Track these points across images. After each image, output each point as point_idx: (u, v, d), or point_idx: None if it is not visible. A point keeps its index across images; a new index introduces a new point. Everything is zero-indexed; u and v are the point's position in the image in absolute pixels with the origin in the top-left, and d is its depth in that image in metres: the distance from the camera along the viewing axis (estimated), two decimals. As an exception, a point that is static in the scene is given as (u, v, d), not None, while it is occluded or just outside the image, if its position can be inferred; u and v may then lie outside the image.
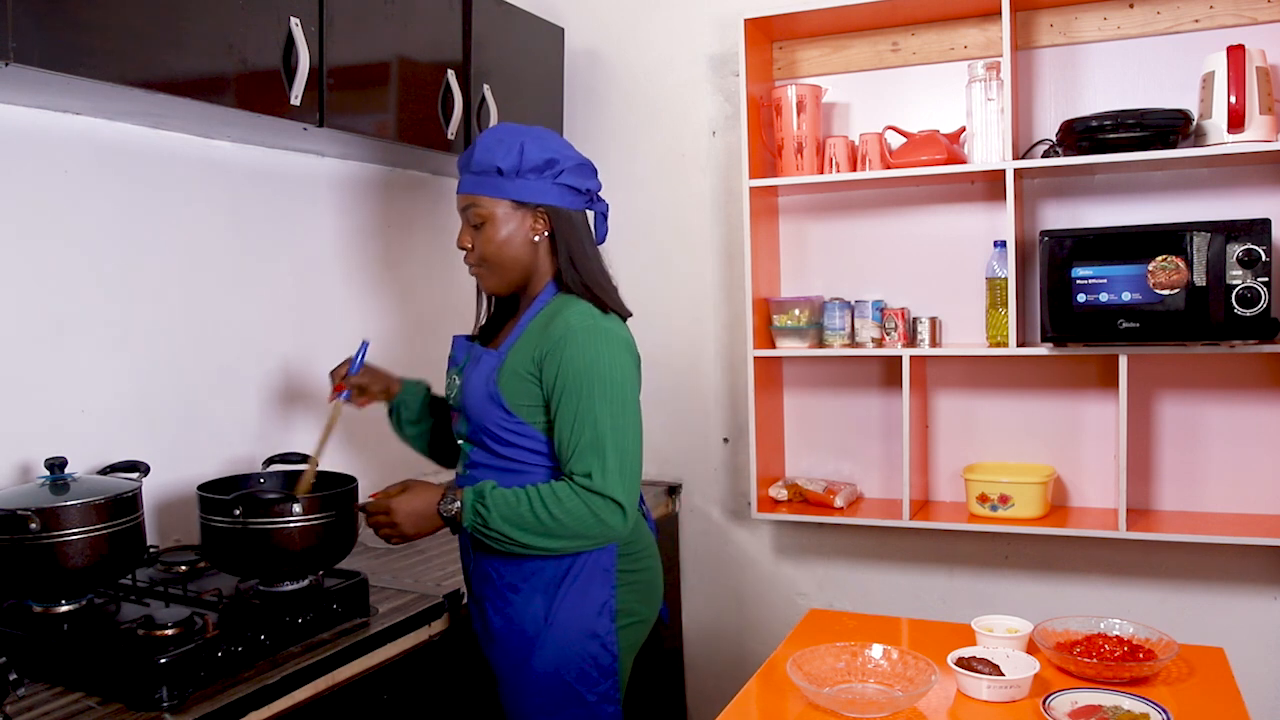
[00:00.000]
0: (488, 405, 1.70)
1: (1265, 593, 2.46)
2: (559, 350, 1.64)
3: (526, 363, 1.67)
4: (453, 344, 1.89)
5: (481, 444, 1.74)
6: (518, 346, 1.71)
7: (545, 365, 1.65)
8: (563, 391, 1.63)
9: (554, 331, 1.65)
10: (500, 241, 1.73)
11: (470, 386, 1.73)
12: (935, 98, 2.65)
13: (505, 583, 1.73)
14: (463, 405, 1.75)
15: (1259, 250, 2.15)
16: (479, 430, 1.73)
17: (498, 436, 1.71)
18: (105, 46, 1.56)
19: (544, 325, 1.69)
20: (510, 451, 1.71)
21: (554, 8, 2.96)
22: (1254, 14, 2.36)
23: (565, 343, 1.64)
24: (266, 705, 1.50)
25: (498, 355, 1.73)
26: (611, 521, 1.61)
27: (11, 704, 1.40)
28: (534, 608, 1.71)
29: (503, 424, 1.69)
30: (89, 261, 1.92)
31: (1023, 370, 2.62)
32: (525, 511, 1.60)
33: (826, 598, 2.87)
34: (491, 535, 1.62)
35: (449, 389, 1.84)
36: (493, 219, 1.72)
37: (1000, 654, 1.57)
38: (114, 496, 1.62)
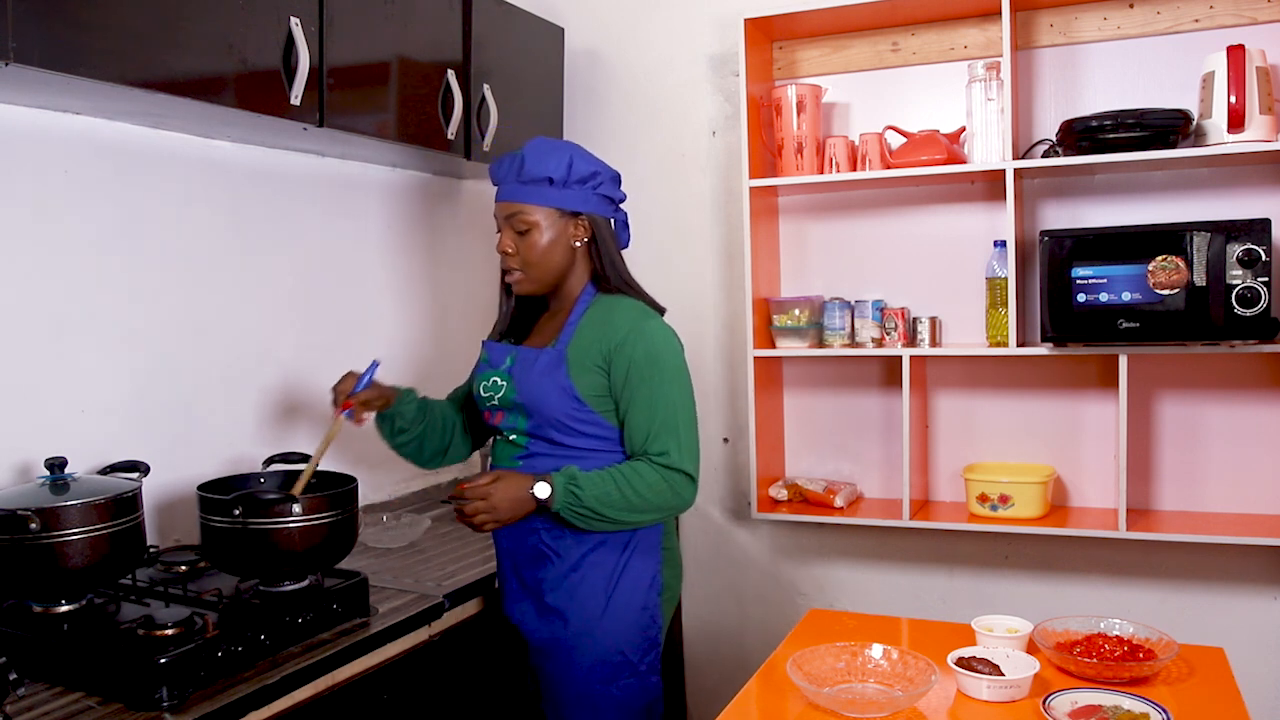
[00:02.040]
0: (560, 398, 1.80)
1: (1265, 593, 2.46)
2: (628, 345, 1.79)
3: (594, 357, 1.80)
4: (487, 348, 1.95)
5: (546, 437, 1.83)
6: (577, 343, 1.82)
7: (615, 358, 1.79)
8: (637, 381, 1.79)
9: (618, 327, 1.81)
10: (545, 247, 1.84)
11: (533, 383, 1.82)
12: (935, 98, 2.65)
13: (566, 563, 1.83)
14: (523, 402, 1.83)
15: (1259, 250, 2.15)
16: (545, 423, 1.82)
17: (569, 427, 1.82)
18: (105, 46, 1.56)
19: (601, 322, 1.83)
20: (579, 440, 1.83)
21: (554, 8, 2.96)
22: (1254, 14, 2.36)
23: (634, 338, 1.80)
24: (266, 705, 1.50)
25: (557, 352, 1.83)
26: (685, 494, 1.80)
27: (11, 704, 1.40)
28: (594, 584, 1.83)
29: (575, 414, 1.81)
30: (89, 261, 1.92)
31: (1023, 370, 2.62)
32: (613, 490, 1.74)
33: (826, 598, 2.87)
34: (583, 513, 1.75)
35: (488, 390, 1.89)
36: (538, 226, 1.83)
37: (1000, 654, 1.57)
38: (114, 496, 1.62)
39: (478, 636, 2.01)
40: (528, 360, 1.86)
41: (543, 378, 1.82)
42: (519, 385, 1.84)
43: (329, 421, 1.93)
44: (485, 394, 1.90)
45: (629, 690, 1.83)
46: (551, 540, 1.83)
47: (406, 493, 2.71)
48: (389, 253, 2.68)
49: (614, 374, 1.80)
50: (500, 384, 1.88)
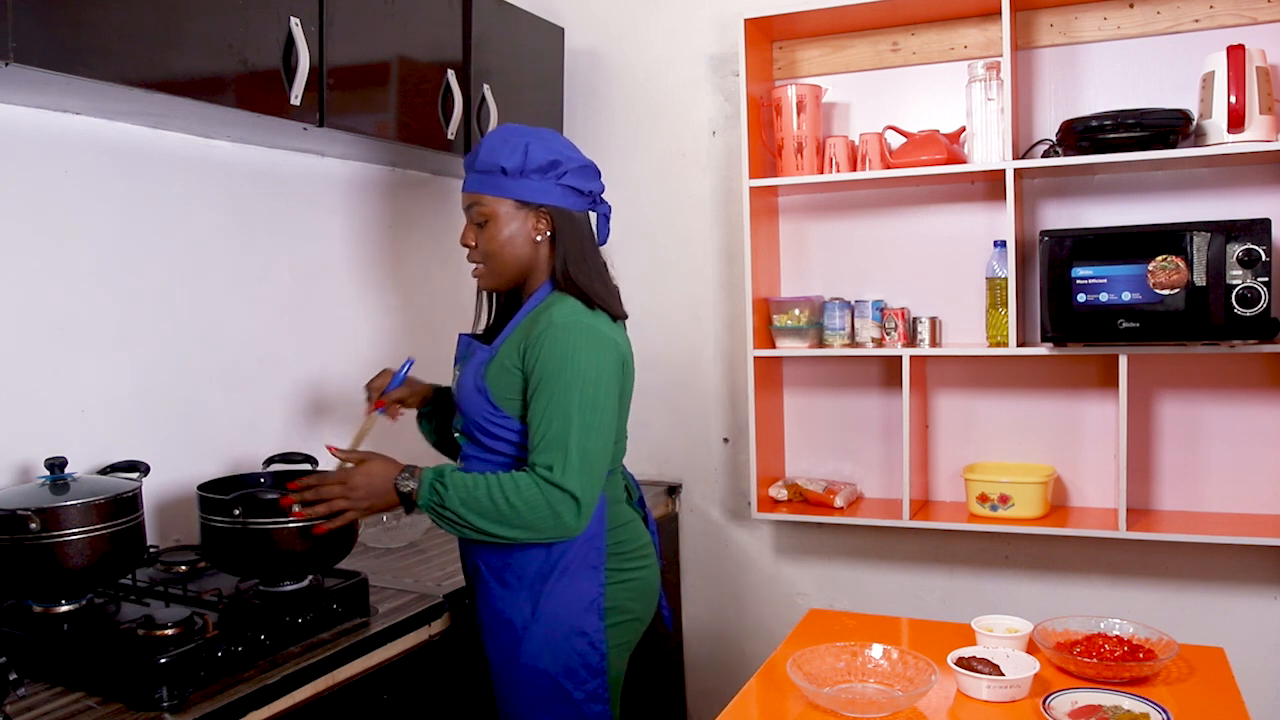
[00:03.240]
0: (475, 398, 1.73)
1: (1265, 593, 2.46)
2: (539, 344, 1.65)
3: (513, 356, 1.70)
4: (459, 341, 1.92)
5: (472, 437, 1.77)
6: (508, 341, 1.73)
7: (526, 358, 1.67)
8: (538, 384, 1.65)
9: (538, 326, 1.68)
10: (503, 240, 1.74)
11: (462, 380, 1.78)
12: (935, 98, 2.65)
13: (493, 574, 1.74)
14: (458, 399, 1.79)
15: (1259, 250, 2.15)
16: (470, 423, 1.76)
17: (484, 429, 1.73)
18: (105, 46, 1.56)
19: (532, 321, 1.72)
20: (495, 444, 1.73)
21: (554, 8, 2.96)
22: (1254, 14, 2.36)
23: (545, 337, 1.65)
24: (266, 705, 1.50)
25: (490, 350, 1.76)
26: (565, 516, 1.59)
27: (11, 704, 1.40)
28: (520, 600, 1.72)
29: (489, 416, 1.72)
30: (89, 261, 1.92)
31: (1023, 370, 2.62)
32: (482, 496, 1.59)
33: (826, 598, 2.87)
34: (447, 516, 1.61)
35: (452, 384, 1.87)
36: (495, 217, 1.73)
37: (1000, 654, 1.57)
38: (114, 496, 1.62)
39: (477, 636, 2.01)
40: (472, 355, 1.80)
41: (466, 377, 1.76)
42: (458, 381, 1.80)
43: (361, 418, 1.92)
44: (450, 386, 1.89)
45: (563, 718, 1.71)
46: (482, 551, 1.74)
47: (406, 493, 2.70)
48: (389, 253, 2.68)
49: (528, 375, 1.67)
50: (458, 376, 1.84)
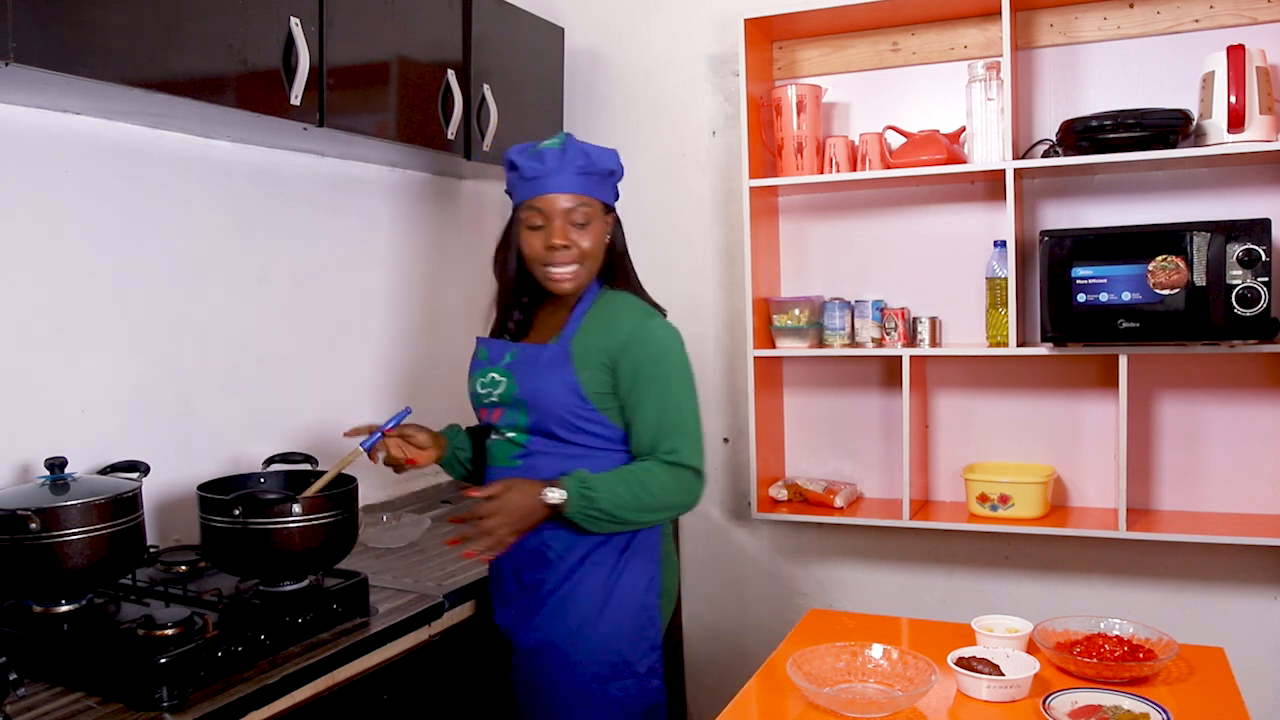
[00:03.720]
0: (565, 395, 1.79)
1: (1265, 593, 2.46)
2: (635, 345, 1.79)
3: (599, 354, 1.79)
4: (484, 345, 1.94)
5: (548, 433, 1.82)
6: (580, 339, 1.81)
7: (621, 358, 1.78)
8: (645, 381, 1.78)
9: (623, 326, 1.81)
10: (598, 240, 1.85)
11: (536, 379, 1.81)
12: (935, 98, 2.65)
13: (566, 564, 1.82)
14: (525, 398, 1.82)
15: (1259, 250, 2.15)
16: (548, 419, 1.80)
17: (571, 425, 1.80)
18: (105, 46, 1.56)
19: (605, 319, 1.83)
20: (580, 438, 1.81)
21: (554, 8, 2.96)
22: (1254, 14, 2.36)
23: (641, 337, 1.79)
24: (266, 705, 1.50)
25: (561, 348, 1.81)
26: (695, 490, 1.80)
27: (11, 704, 1.40)
28: (593, 585, 1.81)
29: (579, 412, 1.79)
30: (89, 261, 1.92)
31: (1023, 370, 2.62)
32: (624, 491, 1.73)
33: (826, 598, 2.87)
34: (595, 516, 1.73)
35: (485, 387, 1.88)
36: (596, 218, 1.84)
37: (1000, 654, 1.57)
38: (114, 496, 1.61)
39: (477, 637, 2.01)
40: (529, 356, 1.84)
41: (546, 373, 1.80)
42: (520, 381, 1.83)
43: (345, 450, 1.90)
44: (482, 390, 1.89)
45: (627, 692, 1.82)
46: (553, 541, 1.82)
47: (406, 493, 2.70)
48: (389, 253, 2.68)
49: (620, 374, 1.79)
50: (499, 380, 1.86)
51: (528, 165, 1.82)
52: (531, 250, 1.84)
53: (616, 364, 1.79)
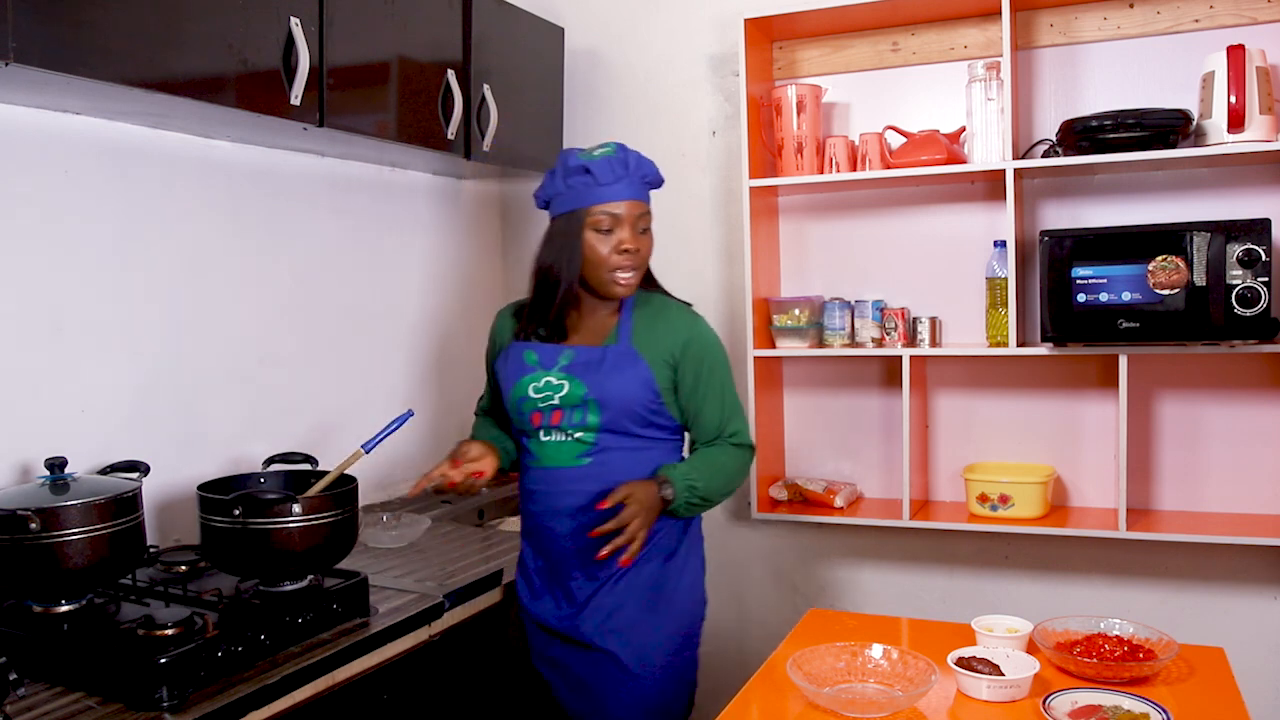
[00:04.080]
0: (641, 392, 1.88)
1: (1265, 593, 2.46)
2: (696, 344, 1.92)
3: (662, 353, 1.90)
4: (531, 349, 1.94)
5: (621, 430, 1.89)
6: (638, 339, 1.91)
7: (684, 357, 1.91)
8: (708, 375, 1.92)
9: (679, 327, 1.93)
10: (652, 245, 1.95)
11: (610, 379, 1.88)
12: (935, 98, 2.65)
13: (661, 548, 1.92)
14: (597, 397, 1.87)
15: (1259, 250, 2.15)
16: (623, 416, 1.88)
17: (644, 420, 1.90)
18: (105, 46, 1.56)
19: (655, 320, 1.94)
20: (649, 432, 1.91)
21: (554, 8, 2.96)
22: (1254, 14, 2.36)
23: (698, 336, 1.94)
24: (266, 705, 1.50)
25: (625, 349, 1.90)
26: (750, 465, 1.99)
27: (11, 704, 1.40)
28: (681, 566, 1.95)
29: (651, 407, 1.90)
30: (89, 261, 1.92)
31: (1023, 370, 2.62)
32: (717, 476, 1.90)
33: (827, 598, 2.87)
34: (696, 504, 1.88)
35: (540, 391, 1.90)
36: (650, 227, 1.94)
37: (1000, 654, 1.57)
38: (114, 496, 1.61)
39: (477, 636, 2.02)
40: (591, 358, 1.90)
41: (618, 373, 1.88)
42: (589, 382, 1.88)
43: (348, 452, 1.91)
44: (536, 395, 1.90)
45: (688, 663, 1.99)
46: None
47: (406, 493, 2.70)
48: (389, 253, 2.68)
49: (683, 371, 1.91)
50: (557, 383, 1.89)
51: (601, 170, 1.85)
52: (597, 254, 1.86)
53: (679, 362, 1.91)
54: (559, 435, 1.91)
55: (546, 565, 1.96)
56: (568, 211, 1.88)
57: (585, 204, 1.86)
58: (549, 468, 1.93)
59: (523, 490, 2.01)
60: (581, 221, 1.86)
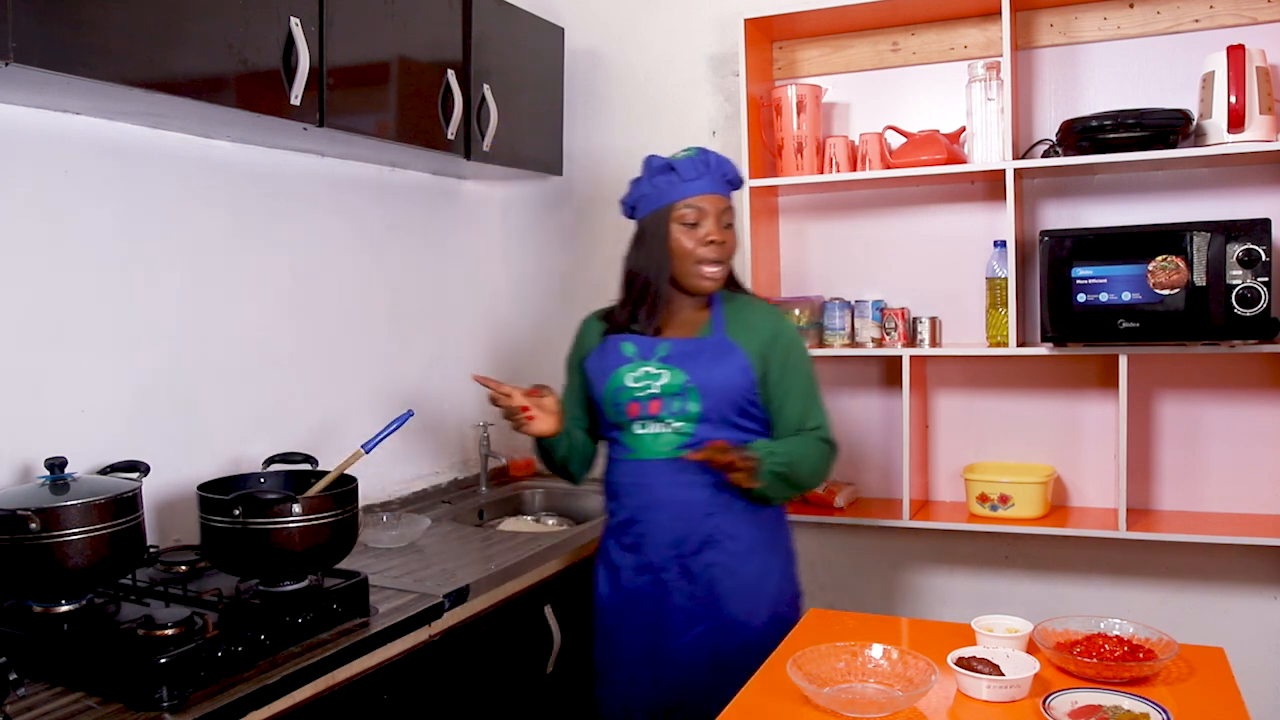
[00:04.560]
0: (740, 380, 1.95)
1: (1265, 593, 2.46)
2: (783, 338, 2.00)
3: (755, 345, 1.97)
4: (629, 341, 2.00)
5: (722, 420, 1.94)
6: (733, 333, 1.98)
7: (772, 350, 1.97)
8: (794, 368, 1.99)
9: (767, 321, 2.01)
10: (736, 241, 2.03)
11: (711, 368, 1.94)
12: (935, 98, 2.65)
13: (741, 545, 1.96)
14: (698, 386, 1.93)
15: (1259, 250, 2.15)
16: (723, 405, 1.94)
17: (742, 409, 1.96)
18: (105, 46, 1.56)
19: (743, 314, 2.01)
20: (746, 423, 1.97)
21: (554, 8, 2.96)
22: (1254, 14, 2.36)
23: (784, 330, 2.02)
24: (266, 705, 1.50)
25: (722, 340, 1.97)
26: (833, 461, 2.03)
27: (11, 704, 1.40)
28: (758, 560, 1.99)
29: (749, 397, 1.96)
30: (89, 261, 1.92)
31: (1023, 370, 2.62)
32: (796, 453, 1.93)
33: (827, 598, 2.87)
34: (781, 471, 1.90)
35: (639, 381, 1.96)
36: (733, 221, 2.01)
37: (1000, 654, 1.57)
38: (114, 496, 1.61)
39: (477, 636, 2.02)
40: (690, 349, 1.96)
41: (719, 362, 1.94)
42: (690, 370, 1.94)
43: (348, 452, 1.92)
44: (635, 384, 1.96)
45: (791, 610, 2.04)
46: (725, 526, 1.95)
47: (407, 493, 2.70)
48: (389, 253, 2.68)
49: (771, 364, 1.96)
50: (656, 373, 1.95)
51: (685, 167, 1.94)
52: (683, 248, 1.95)
53: (768, 355, 1.96)
54: (656, 426, 1.95)
55: (639, 559, 1.99)
56: (654, 210, 1.96)
57: (671, 200, 1.95)
58: (645, 459, 1.97)
59: (613, 486, 2.05)
60: (667, 217, 1.95)
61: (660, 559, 1.97)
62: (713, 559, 1.95)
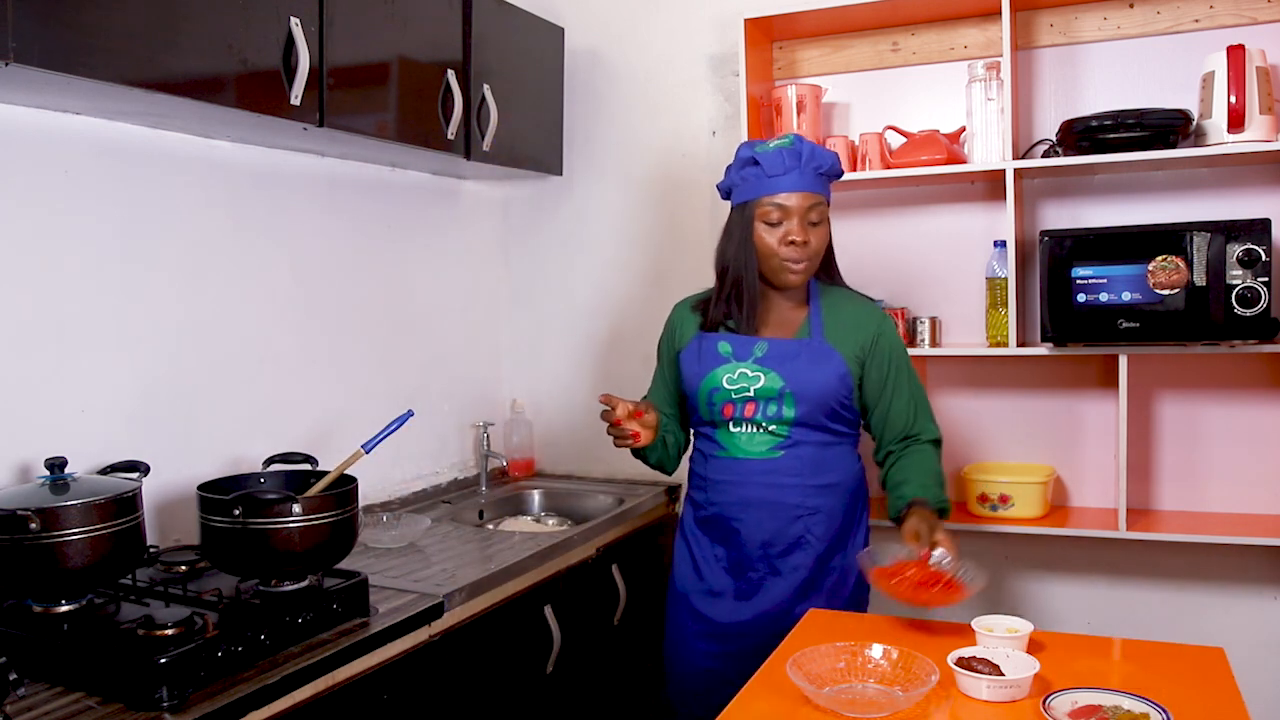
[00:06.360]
0: (837, 385, 1.94)
1: (1265, 593, 2.46)
2: (885, 337, 1.98)
3: (853, 347, 1.96)
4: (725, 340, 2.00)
5: (815, 424, 1.95)
6: (830, 332, 1.96)
7: (874, 350, 1.96)
8: (898, 369, 1.98)
9: (868, 320, 1.99)
10: (826, 239, 1.98)
11: (808, 372, 1.93)
12: (935, 98, 2.65)
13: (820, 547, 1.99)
14: (795, 390, 1.92)
15: (1259, 250, 2.15)
16: (818, 410, 1.94)
17: (837, 413, 1.96)
18: (105, 46, 1.56)
19: (842, 313, 1.99)
20: (840, 426, 1.98)
21: (554, 8, 2.96)
22: (1254, 14, 2.36)
23: (886, 330, 1.99)
24: (266, 705, 1.50)
25: (819, 343, 1.96)
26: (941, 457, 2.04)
27: (11, 704, 1.39)
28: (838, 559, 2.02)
29: (844, 401, 1.96)
30: (89, 261, 1.92)
31: (1023, 370, 2.62)
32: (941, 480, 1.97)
33: (826, 598, 2.86)
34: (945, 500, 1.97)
35: (734, 382, 1.95)
36: (827, 217, 1.97)
37: (1000, 654, 1.57)
38: (114, 496, 1.61)
39: (477, 636, 2.02)
40: (787, 351, 1.95)
41: (817, 367, 1.93)
42: (786, 375, 1.93)
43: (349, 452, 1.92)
44: (730, 385, 1.95)
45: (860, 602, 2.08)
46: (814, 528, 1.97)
47: (406, 493, 2.71)
48: (389, 252, 2.68)
49: (873, 364, 1.96)
50: (753, 375, 1.94)
51: (771, 162, 1.90)
52: (766, 246, 1.93)
53: (868, 356, 1.96)
54: (750, 428, 1.95)
55: (728, 554, 2.01)
56: (741, 203, 1.96)
57: (755, 195, 1.93)
58: (738, 458, 1.98)
59: (703, 480, 2.05)
60: (752, 213, 1.94)
61: (750, 556, 1.99)
62: (800, 561, 1.98)
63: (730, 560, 2.01)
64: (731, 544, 2.01)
